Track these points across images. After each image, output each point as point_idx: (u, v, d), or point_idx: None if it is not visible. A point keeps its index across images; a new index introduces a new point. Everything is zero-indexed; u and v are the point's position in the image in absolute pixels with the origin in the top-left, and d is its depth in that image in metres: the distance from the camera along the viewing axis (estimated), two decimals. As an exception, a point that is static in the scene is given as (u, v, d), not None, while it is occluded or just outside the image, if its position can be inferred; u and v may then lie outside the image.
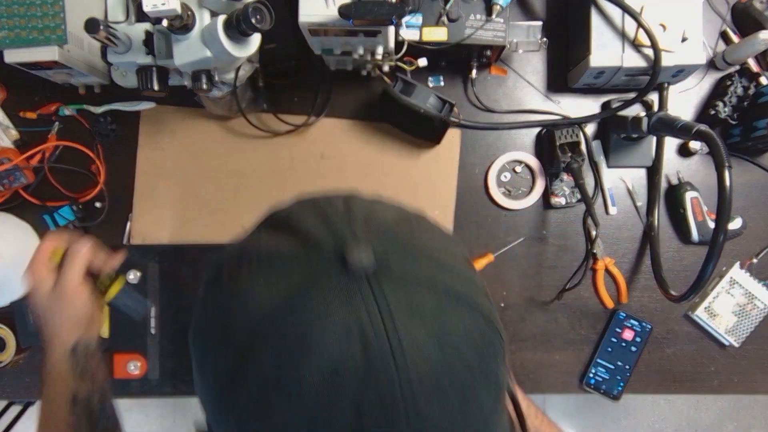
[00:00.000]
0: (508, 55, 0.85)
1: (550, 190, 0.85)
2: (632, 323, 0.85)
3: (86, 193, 0.84)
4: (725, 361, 0.86)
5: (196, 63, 0.62)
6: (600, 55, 0.75)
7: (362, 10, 0.60)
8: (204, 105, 0.81)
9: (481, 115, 0.86)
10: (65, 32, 0.68)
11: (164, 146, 0.86)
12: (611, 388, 0.85)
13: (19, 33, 0.68)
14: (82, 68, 0.74)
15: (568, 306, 0.86)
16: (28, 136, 0.85)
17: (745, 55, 0.82)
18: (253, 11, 0.56)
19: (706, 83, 0.85)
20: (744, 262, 0.85)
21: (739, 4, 0.84)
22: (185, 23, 0.58)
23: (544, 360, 0.86)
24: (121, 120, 0.85)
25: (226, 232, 0.86)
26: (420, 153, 0.86)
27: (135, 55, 0.66)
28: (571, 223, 0.86)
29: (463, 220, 0.86)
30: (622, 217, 0.86)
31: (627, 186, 0.86)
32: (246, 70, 0.73)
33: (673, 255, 0.85)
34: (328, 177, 0.86)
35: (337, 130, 0.86)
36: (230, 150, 0.86)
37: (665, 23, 0.74)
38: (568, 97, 0.86)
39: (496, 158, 0.85)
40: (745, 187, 0.85)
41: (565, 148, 0.81)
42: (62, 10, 0.68)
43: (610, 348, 0.85)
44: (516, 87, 0.86)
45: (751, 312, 0.84)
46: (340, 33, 0.68)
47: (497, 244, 0.86)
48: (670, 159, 0.85)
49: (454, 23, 0.74)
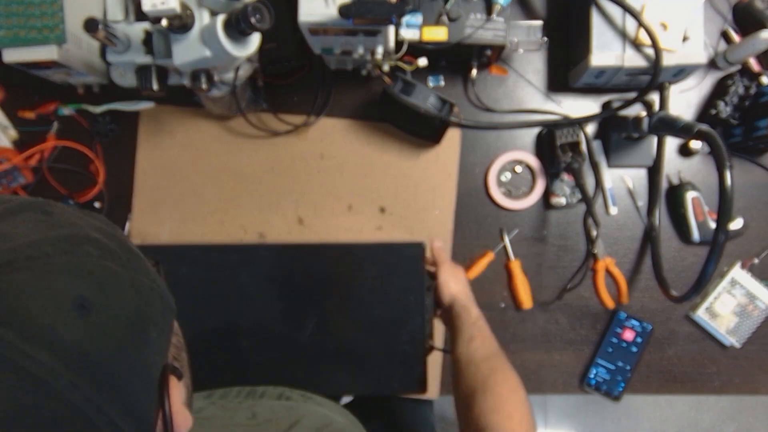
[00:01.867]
0: (508, 54, 0.85)
1: (551, 190, 0.85)
2: (633, 323, 0.84)
3: (85, 193, 0.84)
4: (726, 361, 0.85)
5: (196, 62, 0.62)
6: (601, 55, 0.75)
7: (362, 10, 0.60)
8: (203, 105, 0.80)
9: (481, 114, 0.86)
10: (64, 31, 0.68)
11: (164, 146, 0.86)
12: (612, 389, 0.85)
13: (18, 32, 0.68)
14: (81, 68, 0.74)
15: (569, 306, 0.86)
16: (26, 135, 0.84)
17: (746, 55, 0.81)
18: (253, 10, 0.56)
19: (707, 83, 0.85)
20: (745, 262, 0.84)
21: (740, 4, 0.83)
22: (184, 22, 0.58)
23: (545, 360, 0.86)
24: (120, 120, 0.84)
25: (225, 232, 0.86)
26: (420, 153, 0.86)
27: (134, 55, 0.66)
28: (571, 223, 0.86)
29: (463, 219, 0.86)
30: (623, 217, 0.86)
31: (627, 186, 0.85)
32: (245, 69, 0.73)
33: (674, 255, 0.85)
34: (328, 177, 0.86)
35: (337, 130, 0.86)
36: (230, 150, 0.86)
37: (666, 23, 0.74)
38: (568, 97, 0.86)
39: (496, 158, 0.85)
40: (746, 187, 0.85)
41: (565, 147, 0.81)
42: (61, 10, 0.68)
43: (610, 348, 0.85)
44: (516, 87, 0.86)
45: (752, 312, 0.84)
46: (340, 32, 0.68)
47: (497, 244, 0.86)
48: (670, 159, 0.85)
49: (454, 23, 0.74)
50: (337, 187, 0.86)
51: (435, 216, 0.86)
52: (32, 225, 0.28)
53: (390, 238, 0.86)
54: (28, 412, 0.23)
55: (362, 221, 0.86)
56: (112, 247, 0.30)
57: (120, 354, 0.27)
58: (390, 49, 0.72)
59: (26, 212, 0.28)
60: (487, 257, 0.85)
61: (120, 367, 0.27)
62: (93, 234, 0.30)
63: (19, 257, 0.25)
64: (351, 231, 0.86)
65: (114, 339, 0.27)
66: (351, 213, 0.86)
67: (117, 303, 0.28)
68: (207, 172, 0.86)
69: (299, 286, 0.75)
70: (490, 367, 0.61)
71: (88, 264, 0.28)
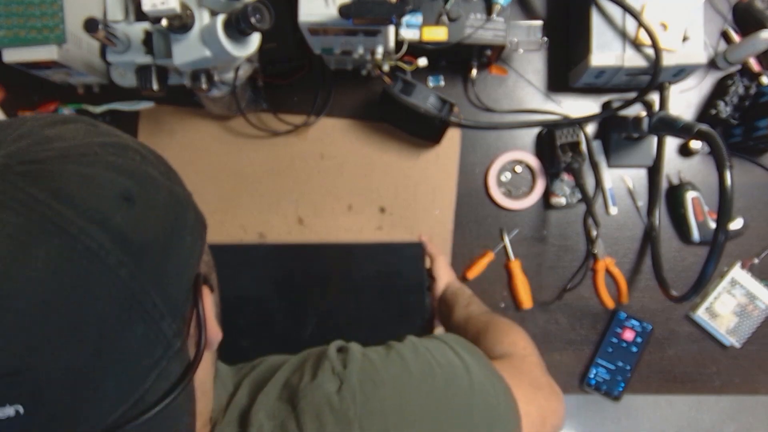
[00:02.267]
0: (508, 54, 0.85)
1: (551, 190, 0.85)
2: (633, 323, 0.84)
3: (85, 193, 0.84)
4: (726, 361, 0.85)
5: (196, 62, 0.62)
6: (601, 55, 0.75)
7: (362, 10, 0.60)
8: (203, 105, 0.80)
9: (481, 114, 0.86)
10: (64, 31, 0.68)
11: (163, 146, 0.86)
12: (612, 389, 0.85)
13: (18, 32, 0.68)
14: (81, 68, 0.74)
15: (569, 306, 0.86)
16: (27, 135, 0.84)
17: (746, 55, 0.81)
18: (253, 10, 0.56)
19: (707, 83, 0.85)
20: (745, 262, 0.84)
21: (740, 4, 0.83)
22: (184, 22, 0.58)
23: (545, 360, 0.85)
24: (120, 120, 0.84)
25: (225, 232, 0.86)
26: (420, 153, 0.86)
27: (134, 55, 0.65)
28: (571, 223, 0.86)
29: (463, 219, 0.86)
30: (623, 217, 0.86)
31: (628, 186, 0.85)
32: (245, 69, 0.73)
33: (674, 255, 0.85)
34: (328, 177, 0.86)
35: (337, 130, 0.86)
36: (230, 150, 0.86)
37: (666, 23, 0.74)
38: (568, 97, 0.86)
39: (496, 158, 0.85)
40: (746, 187, 0.85)
41: (565, 147, 0.81)
42: (61, 10, 0.68)
43: (610, 348, 0.85)
44: (516, 87, 0.86)
45: (752, 312, 0.84)
46: (340, 32, 0.68)
47: (497, 244, 0.86)
48: (670, 159, 0.85)
49: (454, 23, 0.74)
50: (337, 187, 0.86)
51: (435, 216, 0.86)
52: (84, 131, 0.30)
53: (390, 238, 0.86)
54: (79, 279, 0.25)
55: (362, 221, 0.86)
56: (151, 158, 0.33)
57: (161, 245, 0.29)
58: (390, 49, 0.72)
59: (78, 123, 0.31)
60: (487, 257, 0.85)
61: (160, 257, 0.29)
62: (136, 145, 0.33)
63: (73, 153, 0.28)
64: (351, 231, 0.86)
65: (156, 230, 0.29)
66: (351, 213, 0.86)
67: (157, 201, 0.30)
68: (207, 172, 0.86)
69: (299, 285, 0.75)
70: (489, 318, 0.65)
71: (132, 166, 0.30)
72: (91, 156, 0.28)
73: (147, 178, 0.30)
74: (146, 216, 0.29)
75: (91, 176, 0.27)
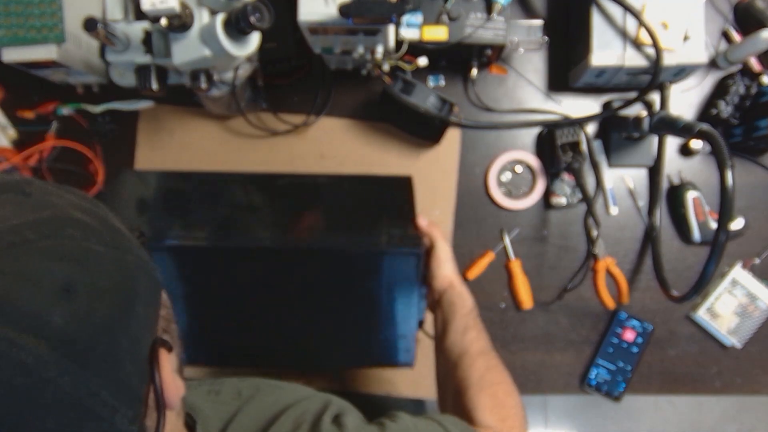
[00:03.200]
0: (508, 54, 0.85)
1: (551, 190, 0.85)
2: (633, 324, 0.84)
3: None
4: (728, 362, 0.85)
5: (195, 62, 0.62)
6: (601, 54, 0.75)
7: (362, 9, 0.60)
8: (203, 104, 0.80)
9: (482, 114, 0.86)
10: (63, 31, 0.68)
11: (163, 146, 0.86)
12: (612, 389, 0.84)
13: (17, 32, 0.68)
14: (80, 67, 0.74)
15: (569, 306, 0.85)
16: (25, 135, 0.84)
17: (746, 55, 0.81)
18: (252, 10, 0.56)
19: (708, 83, 0.85)
20: (746, 262, 0.84)
21: (741, 3, 0.83)
22: (184, 22, 0.58)
23: (545, 361, 0.86)
24: (119, 119, 0.84)
25: (225, 233, 0.85)
26: (420, 153, 0.86)
27: (133, 54, 0.65)
28: (571, 223, 0.86)
29: (463, 220, 0.86)
30: (623, 217, 0.85)
31: (628, 186, 0.85)
32: (245, 69, 0.73)
33: (675, 255, 0.85)
34: (328, 177, 0.86)
35: (337, 129, 0.86)
36: (229, 149, 0.86)
37: (667, 22, 0.74)
38: (568, 97, 0.86)
39: (497, 158, 0.85)
40: (747, 187, 0.85)
41: (565, 147, 0.81)
42: (60, 9, 0.68)
43: (611, 349, 0.84)
44: (516, 86, 0.86)
45: (753, 312, 0.83)
46: (340, 32, 0.68)
47: (497, 244, 0.85)
48: (671, 159, 0.85)
49: (454, 22, 0.74)
50: (337, 187, 0.86)
51: (435, 216, 0.86)
52: (12, 208, 0.27)
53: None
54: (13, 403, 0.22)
55: (362, 221, 0.86)
56: (94, 226, 0.30)
57: (107, 334, 0.27)
58: (390, 48, 0.72)
59: (6, 194, 0.28)
60: (487, 257, 0.85)
61: (108, 346, 0.27)
62: (75, 214, 0.29)
63: (1, 244, 0.25)
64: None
65: (101, 320, 0.26)
66: (351, 213, 0.86)
67: (101, 284, 0.27)
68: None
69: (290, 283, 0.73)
70: (487, 364, 0.61)
71: (71, 247, 0.27)
72: (22, 245, 0.25)
73: (89, 257, 0.28)
74: (91, 305, 0.26)
75: (22, 272, 0.24)
